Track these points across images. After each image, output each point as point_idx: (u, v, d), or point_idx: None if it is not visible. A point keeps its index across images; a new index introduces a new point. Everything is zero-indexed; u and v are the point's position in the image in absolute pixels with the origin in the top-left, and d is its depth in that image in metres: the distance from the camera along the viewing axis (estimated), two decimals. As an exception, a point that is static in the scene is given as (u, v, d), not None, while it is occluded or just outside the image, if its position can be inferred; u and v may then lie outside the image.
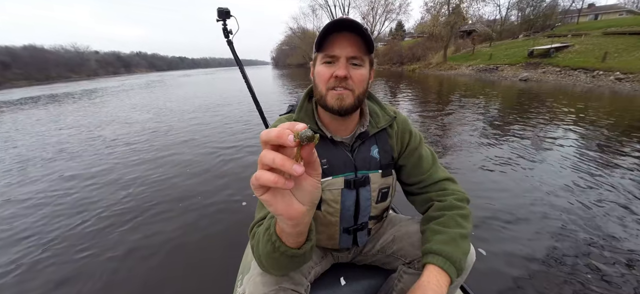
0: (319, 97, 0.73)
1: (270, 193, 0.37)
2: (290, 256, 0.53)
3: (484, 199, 2.51)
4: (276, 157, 0.32)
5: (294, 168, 0.32)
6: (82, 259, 1.99)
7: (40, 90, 24.58)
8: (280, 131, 0.32)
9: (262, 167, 0.34)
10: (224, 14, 1.62)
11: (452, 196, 0.79)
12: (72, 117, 8.15)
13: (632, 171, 3.07)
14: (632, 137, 4.22)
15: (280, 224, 0.50)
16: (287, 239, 0.51)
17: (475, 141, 4.32)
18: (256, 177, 0.34)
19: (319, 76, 0.71)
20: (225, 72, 49.56)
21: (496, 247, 1.90)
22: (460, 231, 0.72)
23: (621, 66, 12.64)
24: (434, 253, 0.68)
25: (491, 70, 18.21)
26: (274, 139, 0.32)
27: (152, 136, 5.37)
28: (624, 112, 6.24)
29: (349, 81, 0.68)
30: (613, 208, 2.35)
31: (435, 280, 0.65)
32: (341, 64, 0.67)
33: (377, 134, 0.82)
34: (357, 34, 0.66)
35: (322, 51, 0.69)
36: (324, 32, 0.65)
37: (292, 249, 0.53)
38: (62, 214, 2.61)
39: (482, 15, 29.72)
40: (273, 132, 0.32)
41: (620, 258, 1.78)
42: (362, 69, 0.69)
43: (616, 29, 17.74)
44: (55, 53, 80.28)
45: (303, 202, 0.40)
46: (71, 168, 3.82)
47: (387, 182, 0.82)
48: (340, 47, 0.66)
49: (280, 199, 0.39)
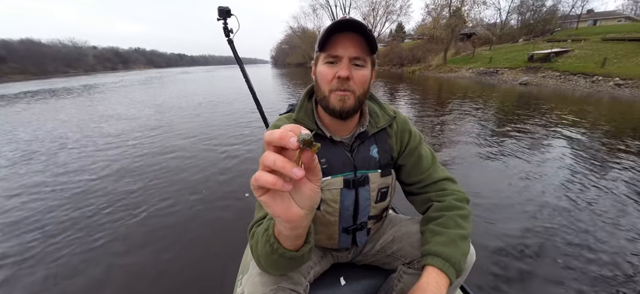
0: (322, 98, 0.72)
1: (269, 195, 0.37)
2: (288, 258, 0.53)
3: (478, 197, 2.57)
4: (277, 159, 0.32)
5: (294, 172, 0.32)
6: (78, 252, 1.99)
7: (37, 84, 24.30)
8: (283, 133, 0.32)
9: (262, 168, 0.34)
10: (224, 13, 1.60)
11: (451, 197, 0.78)
12: (73, 112, 8.03)
13: (629, 170, 3.13)
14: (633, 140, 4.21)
15: (279, 226, 0.49)
16: (285, 242, 0.51)
17: (473, 140, 4.35)
18: (256, 178, 0.34)
19: (321, 75, 0.70)
20: (225, 70, 49.61)
21: (485, 242, 1.96)
22: (459, 231, 0.71)
23: (620, 72, 12.70)
24: (434, 254, 0.68)
25: (491, 73, 18.23)
26: (276, 141, 0.32)
27: (153, 132, 5.35)
28: (625, 116, 6.24)
29: (351, 82, 0.67)
30: (606, 208, 2.40)
31: (434, 282, 0.65)
32: (344, 65, 0.66)
33: (377, 134, 0.81)
34: (361, 34, 0.65)
35: (325, 51, 0.68)
36: (328, 32, 0.64)
37: (290, 251, 0.52)
38: (64, 206, 2.64)
39: (483, 19, 29.82)
40: (276, 133, 0.32)
41: (610, 257, 1.81)
42: (364, 69, 0.69)
43: (615, 35, 17.81)
44: (52, 47, 79.66)
45: (302, 206, 0.40)
46: (73, 162, 3.83)
47: (387, 182, 0.82)
48: (343, 47, 0.66)
49: (279, 202, 0.38)
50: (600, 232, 2.09)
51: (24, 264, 1.90)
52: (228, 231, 2.20)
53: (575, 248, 1.92)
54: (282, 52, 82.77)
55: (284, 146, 0.32)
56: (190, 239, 2.12)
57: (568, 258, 1.83)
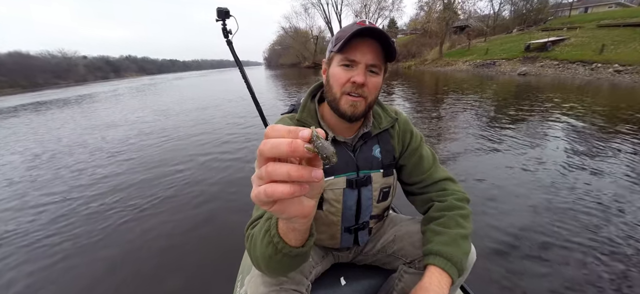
0: (332, 99, 0.72)
1: (279, 203, 0.33)
2: (293, 256, 0.51)
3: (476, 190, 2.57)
4: (291, 169, 0.29)
5: (314, 175, 0.29)
6: (79, 250, 2.10)
7: (32, 97, 24.01)
8: (295, 146, 0.28)
9: (270, 181, 0.30)
10: (223, 14, 1.59)
11: (452, 196, 0.79)
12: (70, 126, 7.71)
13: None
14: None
15: (291, 224, 0.46)
16: (294, 237, 0.49)
17: (474, 132, 4.31)
18: (268, 193, 0.29)
19: (335, 77, 0.70)
20: (219, 74, 49.38)
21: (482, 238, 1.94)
22: (460, 231, 0.72)
23: (619, 58, 12.64)
24: (435, 254, 0.69)
25: (489, 65, 18.12)
26: (288, 153, 0.28)
27: (156, 138, 5.24)
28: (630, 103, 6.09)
29: (364, 89, 0.67)
30: (603, 199, 2.35)
31: (436, 281, 0.65)
32: (360, 71, 0.66)
33: (380, 135, 0.82)
34: (380, 41, 0.66)
35: (342, 53, 0.67)
36: (350, 36, 0.63)
37: (296, 248, 0.50)
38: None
39: (477, 10, 29.78)
40: (283, 146, 0.28)
41: (607, 249, 1.78)
42: (378, 77, 0.70)
43: (610, 21, 17.84)
44: (41, 59, 78.41)
45: (311, 197, 0.38)
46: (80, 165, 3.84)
47: (389, 182, 0.83)
48: (361, 53, 0.66)
49: (290, 204, 0.35)
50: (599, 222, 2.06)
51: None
52: (228, 231, 2.20)
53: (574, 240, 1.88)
54: (275, 53, 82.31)
55: (298, 157, 0.29)
56: (190, 239, 2.13)
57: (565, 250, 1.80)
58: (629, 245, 1.79)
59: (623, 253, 1.73)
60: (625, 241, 1.84)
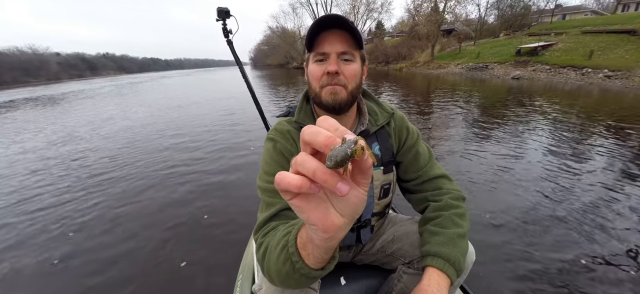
0: (314, 95, 0.73)
1: (300, 198, 0.30)
2: (311, 278, 0.47)
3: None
4: (317, 169, 0.25)
5: (339, 187, 0.25)
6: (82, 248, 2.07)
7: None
8: (328, 139, 0.25)
9: (295, 171, 0.27)
10: (223, 13, 1.58)
11: (447, 195, 0.78)
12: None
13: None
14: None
15: (310, 233, 0.40)
16: (313, 253, 0.43)
17: (468, 132, 4.37)
18: (278, 180, 0.27)
19: (311, 74, 0.72)
20: (204, 73, 47.98)
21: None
22: (457, 230, 0.71)
23: (608, 64, 12.91)
24: (433, 255, 0.67)
25: (481, 68, 18.21)
26: (321, 145, 0.25)
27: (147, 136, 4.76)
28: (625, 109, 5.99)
29: (341, 76, 0.68)
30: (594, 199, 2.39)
31: (435, 283, 0.64)
32: (332, 60, 0.67)
33: (378, 132, 0.82)
34: (345, 29, 0.67)
35: (313, 50, 0.69)
36: (312, 31, 0.66)
37: (315, 271, 0.46)
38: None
39: (468, 14, 30.32)
40: (321, 136, 0.25)
41: (604, 249, 1.78)
42: (354, 64, 0.70)
43: (592, 27, 18.42)
44: (10, 55, 73.15)
45: (342, 214, 0.32)
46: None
47: (389, 179, 0.83)
48: (329, 43, 0.67)
49: (314, 206, 0.31)
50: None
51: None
52: (228, 229, 2.17)
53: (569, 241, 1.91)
54: (262, 53, 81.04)
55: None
56: (190, 238, 2.10)
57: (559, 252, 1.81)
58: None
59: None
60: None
